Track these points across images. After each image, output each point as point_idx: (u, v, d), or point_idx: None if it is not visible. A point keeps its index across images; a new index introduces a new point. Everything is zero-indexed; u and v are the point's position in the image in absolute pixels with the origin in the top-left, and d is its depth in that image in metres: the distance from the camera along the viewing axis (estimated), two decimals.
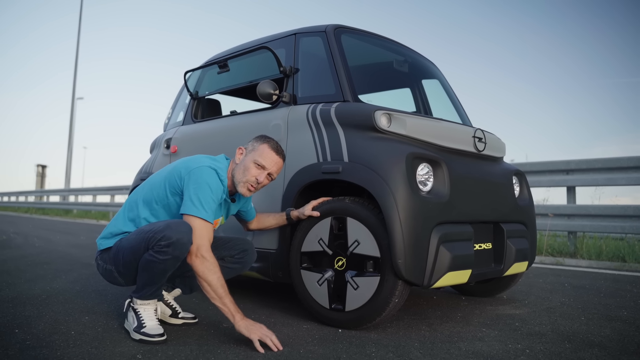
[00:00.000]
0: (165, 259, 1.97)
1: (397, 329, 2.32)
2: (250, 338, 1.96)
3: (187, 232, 1.99)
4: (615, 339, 2.22)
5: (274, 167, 2.22)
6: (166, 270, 2.02)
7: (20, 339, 2.01)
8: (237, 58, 3.17)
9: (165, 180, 2.17)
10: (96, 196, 17.03)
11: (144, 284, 2.09)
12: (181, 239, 1.96)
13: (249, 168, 2.18)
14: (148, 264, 2.01)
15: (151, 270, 2.02)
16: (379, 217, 2.19)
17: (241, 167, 2.20)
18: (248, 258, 2.38)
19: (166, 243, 1.95)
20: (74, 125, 22.70)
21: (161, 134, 3.86)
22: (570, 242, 5.88)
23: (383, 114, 2.39)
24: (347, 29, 2.86)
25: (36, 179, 47.17)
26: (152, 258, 1.99)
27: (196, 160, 2.16)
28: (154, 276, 2.04)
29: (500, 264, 2.64)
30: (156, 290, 2.12)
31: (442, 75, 3.58)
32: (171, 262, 1.99)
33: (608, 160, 5.63)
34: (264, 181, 2.22)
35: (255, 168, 2.18)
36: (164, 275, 2.05)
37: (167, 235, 1.96)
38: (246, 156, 2.22)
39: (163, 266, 2.00)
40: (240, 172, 2.20)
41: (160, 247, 1.97)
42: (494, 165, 2.84)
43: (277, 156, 2.23)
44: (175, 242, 1.95)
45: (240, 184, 2.19)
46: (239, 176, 2.19)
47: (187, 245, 1.99)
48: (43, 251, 5.47)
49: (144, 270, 2.04)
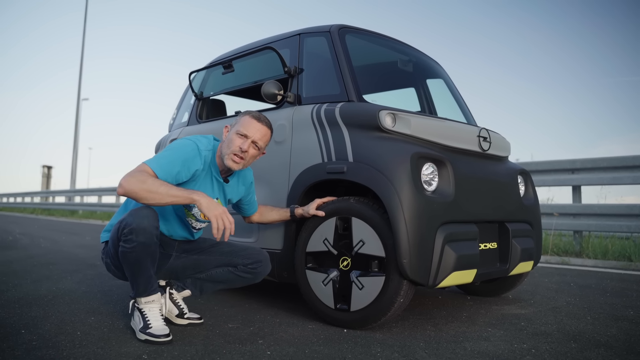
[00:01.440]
0: (132, 247, 1.98)
1: (403, 329, 2.32)
2: (209, 217, 1.97)
3: (147, 216, 1.99)
4: (621, 338, 2.22)
5: (256, 134, 2.22)
6: (139, 259, 2.00)
7: (26, 339, 2.02)
8: (241, 58, 3.18)
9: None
10: (102, 197, 17.10)
11: (130, 279, 2.10)
12: (141, 223, 1.97)
13: (233, 139, 2.20)
14: (122, 255, 2.03)
15: (127, 261, 2.03)
16: (384, 217, 2.19)
17: (226, 141, 2.24)
18: (261, 269, 2.36)
19: (128, 230, 1.97)
20: (79, 127, 22.81)
21: (166, 134, 3.86)
22: (576, 242, 5.86)
23: (388, 113, 2.39)
24: (351, 29, 2.86)
25: (42, 179, 47.42)
26: (123, 249, 2.01)
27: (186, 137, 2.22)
28: (131, 267, 2.04)
29: (506, 264, 2.63)
30: (147, 284, 2.09)
31: (446, 75, 3.58)
32: (139, 248, 1.98)
33: (613, 159, 5.60)
34: (249, 149, 2.21)
35: (239, 138, 2.20)
36: (140, 264, 2.02)
37: (128, 223, 1.98)
38: (230, 130, 2.27)
39: (134, 255, 1.99)
40: (226, 145, 2.22)
41: (125, 236, 1.99)
42: (499, 165, 2.83)
43: (259, 123, 2.23)
44: (136, 227, 1.96)
45: (226, 157, 2.20)
46: (224, 150, 2.22)
47: (150, 229, 1.98)
48: (49, 252, 5.49)
49: (123, 263, 2.06)
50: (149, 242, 2.00)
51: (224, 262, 2.35)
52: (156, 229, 2.02)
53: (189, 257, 2.36)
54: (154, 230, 2.00)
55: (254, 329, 2.27)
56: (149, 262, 2.05)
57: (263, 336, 2.16)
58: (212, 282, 2.38)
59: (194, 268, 2.37)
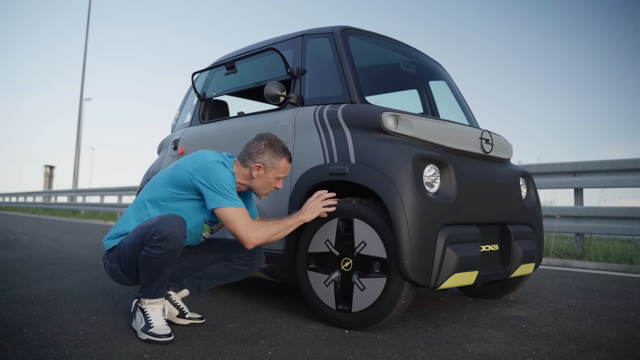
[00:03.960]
0: (159, 253, 1.99)
1: (404, 330, 2.32)
2: (319, 214, 2.32)
3: (179, 225, 2.02)
4: (622, 341, 2.22)
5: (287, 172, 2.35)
6: (163, 265, 2.03)
7: (28, 338, 2.03)
8: (244, 59, 3.18)
9: (170, 179, 2.20)
10: (104, 197, 17.10)
11: (146, 282, 2.10)
12: (173, 232, 1.99)
13: (272, 183, 2.29)
14: (145, 260, 2.03)
15: (149, 266, 2.03)
16: (386, 219, 2.19)
17: (264, 181, 2.28)
18: (256, 261, 2.39)
19: (159, 237, 1.98)
20: (81, 127, 22.83)
21: (169, 135, 3.87)
22: (578, 244, 5.85)
23: (390, 115, 2.40)
24: (354, 31, 2.86)
25: (44, 179, 47.46)
26: (148, 254, 2.01)
27: (201, 157, 2.18)
28: (152, 272, 2.05)
29: (507, 266, 2.63)
30: (159, 287, 2.12)
31: (449, 77, 3.58)
32: (166, 256, 2.01)
33: (615, 162, 5.60)
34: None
35: (277, 181, 2.30)
36: (162, 271, 2.05)
37: (159, 230, 1.98)
38: (267, 172, 2.26)
39: (159, 261, 2.01)
40: (263, 185, 2.29)
41: (154, 242, 1.99)
42: (500, 167, 2.83)
43: (290, 163, 2.33)
44: (168, 235, 1.98)
45: (262, 195, 2.33)
46: (260, 188, 2.30)
47: (180, 238, 2.02)
48: (51, 251, 5.50)
49: (142, 267, 2.06)
50: (176, 251, 2.03)
51: (219, 258, 2.38)
52: (185, 238, 2.06)
53: (186, 258, 2.37)
54: (183, 240, 2.04)
55: (256, 330, 2.28)
56: (169, 269, 2.08)
57: (264, 337, 2.16)
58: (210, 279, 2.41)
59: (191, 267, 2.39)
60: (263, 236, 2.15)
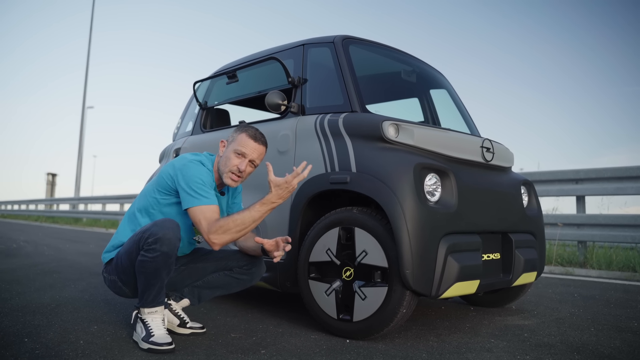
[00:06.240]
0: (154, 256, 2.01)
1: (405, 340, 2.31)
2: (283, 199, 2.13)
3: (173, 227, 2.04)
4: (625, 350, 2.20)
5: (254, 153, 2.26)
6: (158, 269, 2.04)
7: (29, 347, 2.03)
8: (245, 68, 3.20)
9: (155, 185, 2.25)
10: (105, 205, 17.13)
11: (143, 289, 2.11)
12: (167, 234, 2.01)
13: (230, 158, 2.24)
14: (141, 265, 2.05)
15: (145, 270, 2.04)
16: (387, 228, 2.19)
17: (224, 158, 2.27)
18: (256, 270, 2.39)
19: (153, 240, 2.00)
20: (84, 135, 22.87)
21: (170, 143, 3.88)
22: (580, 252, 5.84)
23: (391, 124, 2.40)
24: (355, 40, 2.87)
25: (46, 187, 47.58)
26: (143, 258, 2.03)
27: (180, 159, 2.24)
28: (148, 277, 2.06)
29: (509, 274, 2.63)
30: (157, 295, 2.11)
31: (450, 85, 3.59)
32: (161, 259, 2.02)
33: (617, 170, 5.59)
34: (246, 169, 2.26)
35: (236, 157, 2.24)
36: (158, 275, 2.06)
37: (153, 232, 2.01)
38: (227, 147, 2.29)
39: (154, 264, 2.02)
40: (223, 163, 2.26)
41: (149, 245, 2.01)
42: (502, 175, 2.83)
43: (256, 143, 2.26)
44: (162, 237, 2.00)
45: (225, 174, 2.25)
46: (222, 167, 2.26)
47: (174, 240, 2.03)
48: (52, 260, 5.50)
49: (139, 272, 2.07)
50: (170, 253, 2.04)
51: (219, 267, 2.38)
52: (179, 240, 2.07)
53: (186, 267, 2.37)
54: (177, 242, 2.05)
55: (257, 339, 2.27)
56: (165, 273, 2.08)
57: (265, 346, 2.15)
58: (210, 289, 2.40)
59: (191, 277, 2.39)
60: (224, 237, 2.07)
